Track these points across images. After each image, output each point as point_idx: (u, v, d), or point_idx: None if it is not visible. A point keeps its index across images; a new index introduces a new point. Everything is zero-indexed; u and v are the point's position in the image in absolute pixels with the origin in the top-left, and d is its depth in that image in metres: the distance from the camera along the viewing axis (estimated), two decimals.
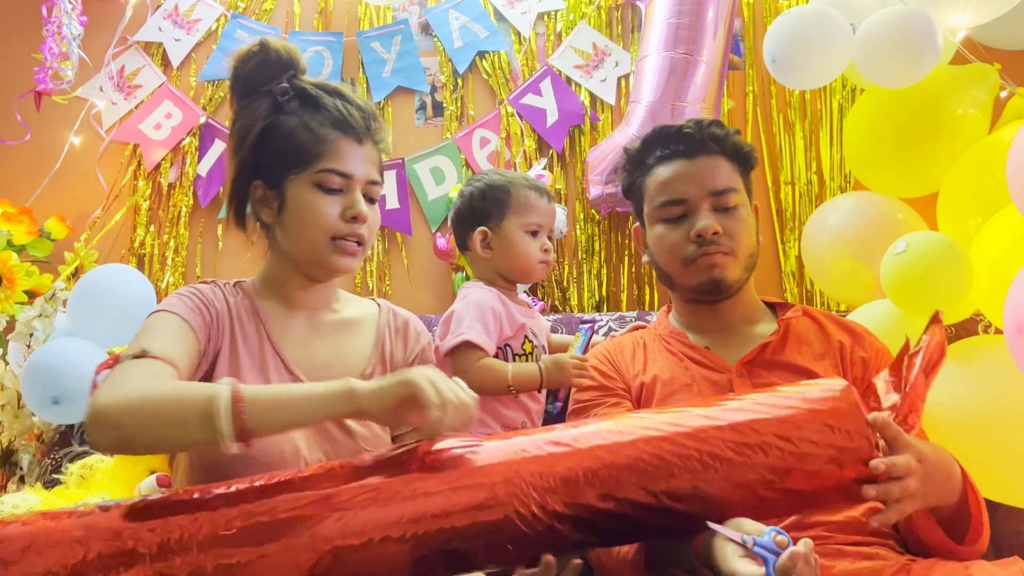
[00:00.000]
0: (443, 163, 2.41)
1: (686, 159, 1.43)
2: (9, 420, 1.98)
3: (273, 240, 1.31)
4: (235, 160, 1.27)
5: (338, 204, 1.24)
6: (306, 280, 1.31)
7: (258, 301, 1.30)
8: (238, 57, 1.26)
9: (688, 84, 2.08)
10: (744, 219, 1.42)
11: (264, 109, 1.25)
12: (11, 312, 2.05)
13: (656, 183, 1.45)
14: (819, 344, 1.41)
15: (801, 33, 1.83)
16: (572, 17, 2.46)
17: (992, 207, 1.70)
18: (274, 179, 1.25)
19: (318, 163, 1.23)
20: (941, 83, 1.88)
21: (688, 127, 1.44)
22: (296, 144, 1.23)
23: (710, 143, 1.43)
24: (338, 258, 1.25)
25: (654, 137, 1.48)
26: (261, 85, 1.26)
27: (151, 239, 2.41)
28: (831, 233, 1.98)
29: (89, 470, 1.65)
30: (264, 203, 1.27)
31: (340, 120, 1.25)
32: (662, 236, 1.44)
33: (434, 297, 2.37)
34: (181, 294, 1.24)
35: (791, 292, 2.33)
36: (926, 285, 1.62)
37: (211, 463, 1.15)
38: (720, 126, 1.45)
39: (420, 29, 2.49)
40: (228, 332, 1.24)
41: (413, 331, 1.42)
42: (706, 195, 1.40)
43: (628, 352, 1.51)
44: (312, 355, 1.29)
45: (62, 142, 2.41)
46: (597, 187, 2.18)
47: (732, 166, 1.44)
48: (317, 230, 1.23)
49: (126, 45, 2.47)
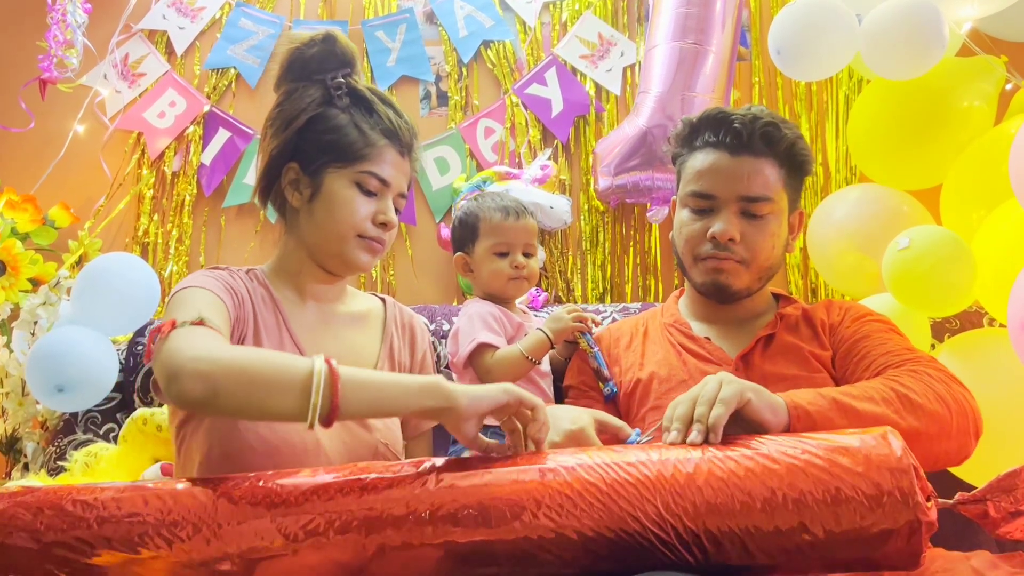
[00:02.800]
0: (447, 153, 2.41)
1: (728, 154, 1.36)
2: (13, 408, 1.99)
3: (293, 226, 1.32)
4: (277, 139, 1.28)
5: (372, 206, 1.28)
6: (320, 271, 1.32)
7: (273, 289, 1.30)
8: (302, 40, 1.28)
9: (698, 74, 2.07)
10: (771, 231, 1.37)
11: (317, 98, 1.28)
12: (15, 300, 2.05)
13: (694, 168, 1.40)
14: (806, 328, 1.41)
15: (807, 24, 1.82)
16: (577, 7, 2.45)
17: (995, 200, 1.69)
18: (313, 166, 1.27)
19: (363, 164, 1.26)
20: (947, 75, 1.87)
21: (740, 121, 1.35)
22: (344, 139, 1.26)
23: (759, 144, 1.35)
24: (360, 253, 1.28)
25: (708, 119, 1.41)
26: (316, 74, 1.28)
27: (155, 228, 2.41)
28: (836, 225, 1.98)
29: (94, 458, 1.65)
30: (295, 186, 1.29)
31: (390, 130, 1.28)
32: (684, 224, 1.41)
33: (438, 287, 2.37)
34: (207, 274, 1.22)
35: (796, 284, 2.33)
36: (929, 281, 1.62)
37: (230, 453, 1.15)
38: (777, 127, 1.36)
39: (425, 18, 2.49)
40: (252, 319, 1.24)
41: (420, 333, 1.46)
42: (736, 198, 1.35)
43: (625, 341, 1.51)
44: (324, 346, 1.29)
45: (66, 130, 2.41)
46: (606, 178, 2.17)
47: (779, 171, 1.37)
48: (346, 225, 1.26)
49: (130, 33, 2.46)
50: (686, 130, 1.44)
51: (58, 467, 1.80)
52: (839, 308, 1.44)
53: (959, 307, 1.79)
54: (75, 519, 0.95)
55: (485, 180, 2.22)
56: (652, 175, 2.11)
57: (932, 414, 1.14)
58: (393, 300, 1.46)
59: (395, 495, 0.95)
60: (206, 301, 1.15)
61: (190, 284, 1.19)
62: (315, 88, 1.28)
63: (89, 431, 1.87)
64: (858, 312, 1.42)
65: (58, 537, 0.94)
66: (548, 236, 2.35)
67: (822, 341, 1.39)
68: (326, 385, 0.97)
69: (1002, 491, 0.96)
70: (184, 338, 1.03)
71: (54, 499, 0.97)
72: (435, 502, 0.93)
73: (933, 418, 1.14)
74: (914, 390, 1.15)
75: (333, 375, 0.98)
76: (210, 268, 1.28)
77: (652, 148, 2.08)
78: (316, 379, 0.97)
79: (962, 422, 1.17)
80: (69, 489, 0.99)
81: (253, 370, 0.99)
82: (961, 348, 1.73)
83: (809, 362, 1.35)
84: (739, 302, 1.43)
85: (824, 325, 1.41)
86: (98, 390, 1.80)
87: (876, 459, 0.93)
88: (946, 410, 1.15)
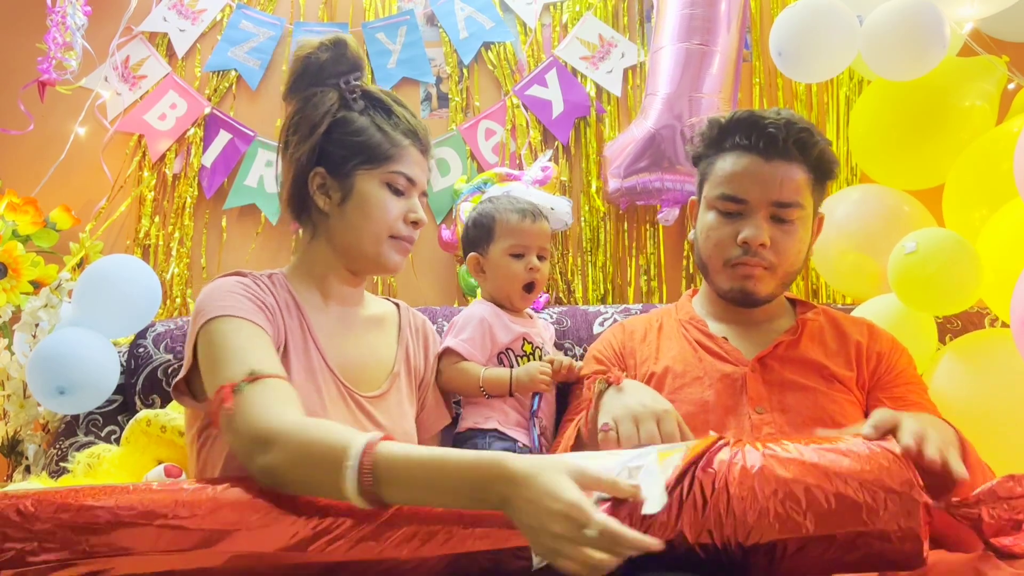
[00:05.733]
0: (448, 154, 2.41)
1: (762, 158, 1.35)
2: (15, 410, 1.98)
3: (322, 229, 1.32)
4: (303, 145, 1.28)
5: (403, 205, 1.30)
6: (349, 274, 1.34)
7: (296, 293, 1.30)
8: (314, 46, 1.29)
9: (704, 75, 2.07)
10: (798, 236, 1.37)
11: (334, 101, 1.29)
12: (17, 302, 2.05)
13: (724, 171, 1.39)
14: (834, 342, 1.41)
15: (808, 26, 1.82)
16: (578, 8, 2.45)
17: (998, 200, 1.69)
18: (342, 170, 1.28)
19: (391, 164, 1.29)
20: (948, 75, 1.87)
21: (774, 126, 1.35)
22: (370, 141, 1.28)
23: (793, 149, 1.35)
24: (392, 254, 1.31)
25: (740, 121, 1.39)
26: (330, 78, 1.30)
27: (156, 230, 2.41)
28: (837, 226, 1.98)
29: (96, 459, 1.65)
30: (324, 191, 1.30)
31: (410, 130, 1.32)
32: (712, 227, 1.40)
33: (438, 289, 2.37)
34: (229, 294, 1.19)
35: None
36: (935, 284, 1.61)
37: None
38: (811, 134, 1.37)
39: (425, 20, 2.49)
40: (283, 327, 1.24)
41: (432, 338, 1.49)
42: (768, 203, 1.35)
43: (639, 335, 1.50)
44: (346, 351, 1.31)
45: (67, 133, 2.41)
46: (616, 181, 2.17)
47: (808, 177, 1.37)
48: (381, 224, 1.28)
49: (131, 35, 2.46)
50: (714, 131, 1.43)
51: (59, 469, 1.79)
52: (881, 338, 1.43)
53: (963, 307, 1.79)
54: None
55: (486, 182, 2.22)
56: (661, 176, 2.11)
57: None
58: (406, 305, 1.49)
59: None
60: (248, 339, 1.14)
61: (223, 314, 1.16)
62: (332, 92, 1.30)
63: (90, 433, 1.86)
64: (906, 359, 1.42)
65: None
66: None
67: (849, 360, 1.38)
68: (355, 475, 0.94)
69: (997, 498, 0.96)
70: (253, 405, 1.04)
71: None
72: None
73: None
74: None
75: (365, 466, 0.94)
76: (231, 275, 1.26)
77: (660, 150, 2.08)
78: (345, 468, 0.94)
79: None
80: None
81: (312, 447, 0.98)
82: (964, 349, 1.72)
83: (829, 377, 1.35)
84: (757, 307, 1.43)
85: (861, 348, 1.40)
86: (99, 392, 1.80)
87: (877, 460, 0.93)
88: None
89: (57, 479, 1.71)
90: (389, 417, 1.31)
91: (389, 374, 1.36)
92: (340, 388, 1.27)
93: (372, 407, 1.29)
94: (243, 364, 1.09)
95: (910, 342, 1.50)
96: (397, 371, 1.36)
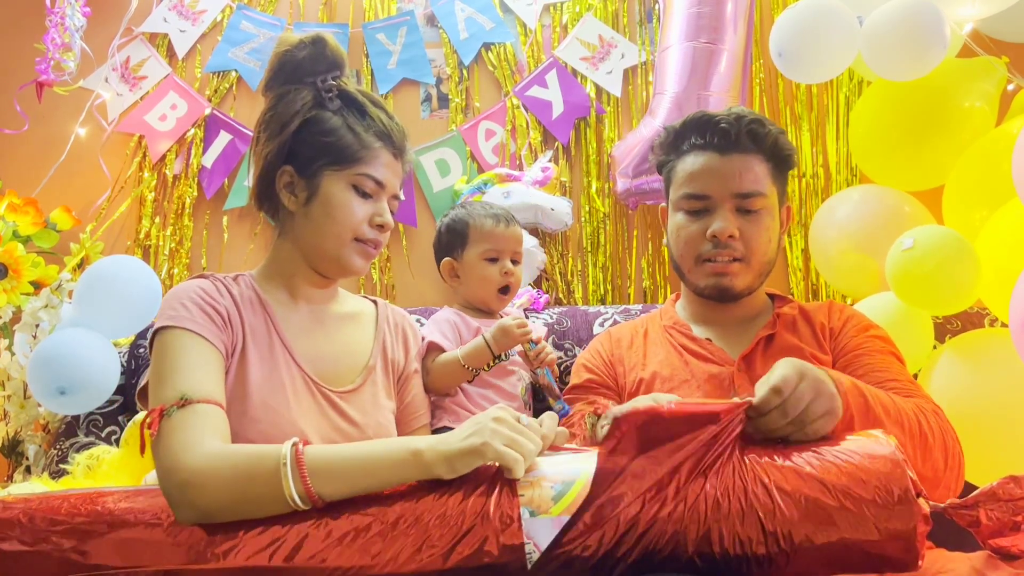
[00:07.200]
0: (448, 155, 2.41)
1: (718, 154, 1.40)
2: (15, 410, 1.99)
3: (287, 228, 1.32)
4: (272, 142, 1.28)
5: (369, 208, 1.29)
6: (314, 275, 1.33)
7: (263, 292, 1.30)
8: (292, 43, 1.28)
9: (712, 73, 2.07)
10: (765, 225, 1.40)
11: (308, 100, 1.28)
12: (17, 303, 2.05)
13: (684, 172, 1.43)
14: (806, 330, 1.42)
15: (808, 27, 1.82)
16: (578, 9, 2.45)
17: (998, 200, 1.69)
18: (309, 169, 1.27)
19: (359, 166, 1.27)
20: (948, 76, 1.87)
21: (725, 121, 1.39)
22: (339, 142, 1.27)
23: (746, 141, 1.39)
24: (356, 257, 1.30)
25: (693, 122, 1.44)
26: (305, 77, 1.29)
27: (156, 230, 2.41)
28: (838, 226, 1.98)
29: (96, 460, 1.65)
30: (291, 189, 1.29)
31: (383, 132, 1.30)
32: (680, 227, 1.43)
33: (437, 289, 2.37)
34: (183, 303, 1.19)
35: (797, 286, 2.33)
36: (933, 281, 1.62)
37: None
38: (761, 124, 1.40)
39: (426, 20, 2.49)
40: (240, 328, 1.24)
41: (412, 333, 1.48)
42: (730, 195, 1.38)
43: (626, 342, 1.52)
44: (317, 347, 1.30)
45: (68, 133, 2.41)
46: (624, 181, 2.17)
47: (767, 167, 1.41)
48: (345, 227, 1.27)
49: (131, 36, 2.46)
50: (670, 136, 1.47)
51: (60, 470, 1.79)
52: (840, 313, 1.45)
53: (962, 306, 1.79)
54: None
55: (486, 182, 2.22)
56: None
57: (935, 463, 1.15)
58: (385, 302, 1.48)
59: None
60: (189, 356, 1.13)
61: (170, 324, 1.16)
62: (306, 91, 1.29)
63: (91, 434, 1.86)
64: (861, 323, 1.42)
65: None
66: (549, 238, 2.35)
67: (822, 344, 1.40)
68: (295, 474, 0.97)
69: (996, 499, 0.96)
70: (175, 435, 1.04)
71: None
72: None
73: (935, 467, 1.14)
74: (931, 434, 1.15)
75: (299, 460, 0.97)
76: (195, 279, 1.26)
77: None
78: (285, 471, 0.97)
79: (954, 479, 1.18)
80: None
81: (240, 470, 0.99)
82: (963, 348, 1.73)
83: (810, 362, 1.35)
84: (738, 302, 1.45)
85: (824, 329, 1.42)
86: (100, 393, 1.80)
87: (873, 461, 0.93)
88: (944, 463, 1.16)
89: (57, 480, 1.71)
90: (362, 411, 1.30)
91: (363, 368, 1.34)
92: (308, 383, 1.26)
93: (343, 401, 1.28)
94: (176, 387, 1.09)
95: (906, 340, 1.50)
96: (372, 365, 1.35)
